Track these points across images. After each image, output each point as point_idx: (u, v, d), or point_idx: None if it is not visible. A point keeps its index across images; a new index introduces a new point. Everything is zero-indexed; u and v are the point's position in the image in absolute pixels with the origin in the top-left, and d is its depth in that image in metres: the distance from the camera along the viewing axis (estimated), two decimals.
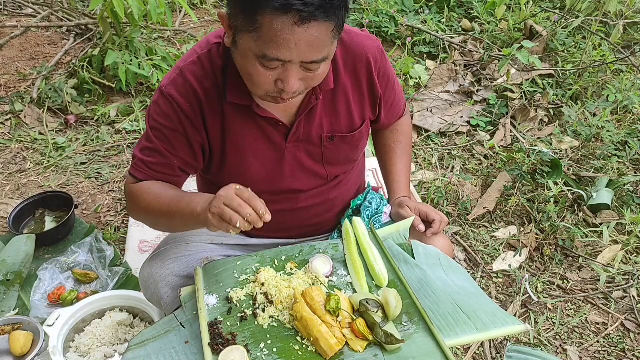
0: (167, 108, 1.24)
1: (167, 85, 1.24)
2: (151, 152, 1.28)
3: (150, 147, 1.28)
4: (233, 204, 1.06)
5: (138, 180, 1.31)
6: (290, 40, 1.01)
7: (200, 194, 1.23)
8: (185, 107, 1.23)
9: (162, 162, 1.29)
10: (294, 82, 1.09)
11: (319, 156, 1.37)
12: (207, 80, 1.23)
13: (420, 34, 3.75)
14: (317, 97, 1.27)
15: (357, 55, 1.30)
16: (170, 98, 1.23)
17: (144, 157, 1.29)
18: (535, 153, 2.56)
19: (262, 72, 1.08)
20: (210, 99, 1.24)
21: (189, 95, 1.23)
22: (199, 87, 1.23)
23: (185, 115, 1.24)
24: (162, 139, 1.27)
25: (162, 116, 1.25)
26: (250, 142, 1.30)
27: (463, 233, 2.37)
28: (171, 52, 3.30)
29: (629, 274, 2.16)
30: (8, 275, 1.96)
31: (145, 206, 1.27)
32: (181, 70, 1.24)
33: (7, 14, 3.98)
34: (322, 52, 1.06)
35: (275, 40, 1.01)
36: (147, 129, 1.29)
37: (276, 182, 1.36)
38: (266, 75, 1.08)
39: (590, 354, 1.89)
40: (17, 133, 2.92)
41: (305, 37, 1.01)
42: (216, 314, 1.19)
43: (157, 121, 1.26)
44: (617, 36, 3.05)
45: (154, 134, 1.27)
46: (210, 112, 1.25)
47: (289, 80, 1.08)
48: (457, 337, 1.15)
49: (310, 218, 1.46)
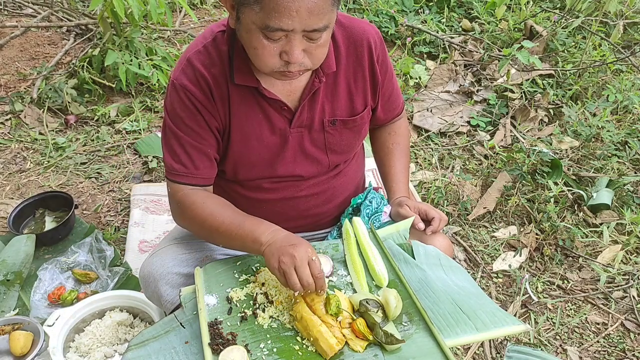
0: (183, 98, 1.25)
1: (178, 77, 1.25)
2: (184, 150, 1.28)
3: (181, 143, 1.28)
4: (303, 278, 1.13)
5: (182, 184, 1.31)
6: (291, 7, 1.03)
7: (263, 222, 1.26)
8: (199, 94, 1.25)
9: (198, 157, 1.29)
10: (298, 53, 1.11)
11: (321, 142, 1.37)
12: (214, 67, 1.25)
13: (420, 34, 3.75)
14: (320, 79, 1.28)
15: (358, 39, 1.32)
16: (183, 89, 1.25)
17: (179, 157, 1.29)
18: (535, 153, 2.56)
19: (267, 44, 1.10)
20: (218, 85, 1.26)
21: (200, 83, 1.25)
22: (208, 74, 1.25)
23: (200, 103, 1.26)
24: (188, 132, 1.28)
25: (181, 108, 1.26)
26: (255, 127, 1.31)
27: (463, 233, 2.37)
28: (171, 52, 3.31)
29: (629, 274, 2.16)
30: (8, 275, 1.96)
31: (201, 222, 1.29)
32: (188, 59, 1.26)
33: (7, 14, 3.98)
34: (323, 20, 1.08)
35: (276, 10, 1.03)
36: (171, 126, 1.29)
37: (278, 167, 1.37)
38: (270, 47, 1.11)
39: (590, 354, 1.89)
40: (17, 133, 2.92)
41: (305, 4, 1.03)
42: (216, 314, 1.19)
43: (179, 115, 1.27)
44: (617, 36, 3.05)
45: (181, 129, 1.28)
46: (218, 97, 1.27)
47: (293, 51, 1.10)
48: (457, 337, 1.15)
49: (309, 208, 1.47)
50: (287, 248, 1.15)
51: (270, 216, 1.46)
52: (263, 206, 1.44)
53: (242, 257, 1.34)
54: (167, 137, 1.31)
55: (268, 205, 1.44)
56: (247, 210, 1.46)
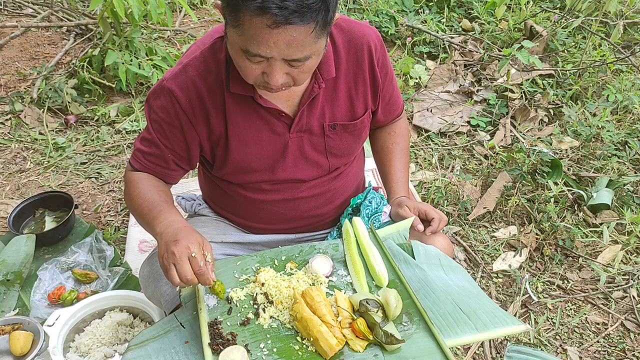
0: (166, 101, 1.26)
1: (169, 79, 1.26)
2: (148, 143, 1.33)
3: (147, 137, 1.33)
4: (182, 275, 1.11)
5: (134, 169, 1.37)
6: (268, 40, 1.02)
7: (169, 211, 1.25)
8: (185, 102, 1.25)
9: (156, 154, 1.33)
10: (278, 77, 1.11)
11: (322, 146, 1.37)
12: (210, 75, 1.25)
13: (420, 34, 3.75)
14: (320, 85, 1.28)
15: (359, 43, 1.31)
16: (170, 92, 1.25)
17: (142, 147, 1.35)
18: (535, 153, 2.56)
19: (248, 64, 1.10)
20: (213, 93, 1.26)
21: (190, 92, 1.25)
22: (202, 83, 1.25)
23: (183, 111, 1.26)
24: (159, 131, 1.31)
25: (161, 109, 1.28)
26: (253, 134, 1.31)
27: (463, 233, 2.37)
28: (171, 52, 3.31)
29: (629, 274, 2.16)
30: (8, 275, 1.96)
31: (130, 198, 1.34)
32: (184, 66, 1.26)
33: (7, 14, 3.98)
34: (304, 51, 1.06)
35: (255, 38, 1.03)
36: (147, 118, 1.33)
37: (278, 172, 1.37)
38: (252, 67, 1.11)
39: (590, 354, 1.89)
40: (17, 133, 2.92)
41: (282, 38, 1.02)
42: (216, 314, 1.19)
43: (156, 113, 1.29)
44: (617, 36, 3.05)
45: (152, 126, 1.31)
46: (212, 106, 1.27)
47: (273, 75, 1.10)
48: (457, 337, 1.15)
49: (310, 209, 1.47)
50: (169, 244, 1.14)
51: (270, 217, 1.46)
52: (263, 207, 1.44)
53: (242, 257, 1.34)
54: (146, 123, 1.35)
55: (268, 206, 1.44)
56: (247, 211, 1.46)
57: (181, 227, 1.18)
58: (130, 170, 1.38)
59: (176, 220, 1.21)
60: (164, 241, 1.16)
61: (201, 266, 1.12)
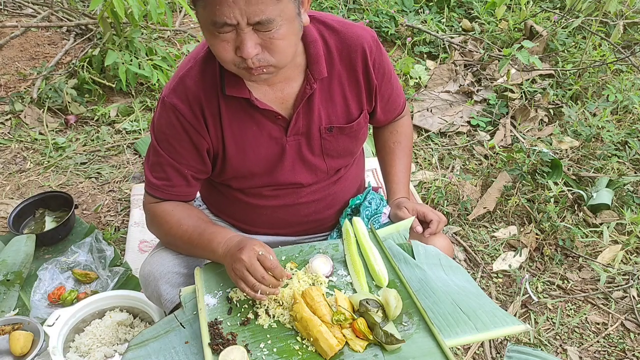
0: (171, 117, 1.26)
1: (169, 94, 1.26)
2: (162, 167, 1.32)
3: (159, 161, 1.32)
4: (257, 275, 1.14)
5: (158, 199, 1.36)
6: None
7: (221, 231, 1.28)
8: (188, 114, 1.25)
9: (172, 176, 1.32)
10: (250, 46, 1.07)
11: (319, 149, 1.37)
12: (205, 81, 1.25)
13: (420, 34, 3.75)
14: (312, 86, 1.27)
15: (352, 45, 1.30)
16: (172, 107, 1.25)
17: (158, 173, 1.33)
18: (535, 153, 2.56)
19: (220, 42, 1.09)
20: (210, 99, 1.26)
21: (190, 101, 1.25)
22: (200, 90, 1.25)
23: (188, 122, 1.26)
24: (170, 150, 1.30)
25: (167, 126, 1.28)
26: (250, 139, 1.31)
27: (463, 233, 2.37)
28: (171, 52, 3.31)
29: (629, 274, 2.16)
30: (8, 275, 1.96)
31: (168, 230, 1.33)
32: (181, 78, 1.26)
33: (7, 14, 3.98)
34: (266, 12, 1.04)
35: (214, 2, 1.02)
36: (153, 142, 1.32)
37: (277, 176, 1.36)
38: (225, 44, 1.09)
39: (590, 354, 1.89)
40: (17, 133, 2.92)
41: None
42: (216, 314, 1.19)
43: (163, 132, 1.29)
44: (617, 36, 3.05)
45: (161, 147, 1.30)
46: (210, 113, 1.27)
47: (244, 45, 1.07)
48: (457, 337, 1.15)
49: (310, 214, 1.47)
50: (235, 255, 1.17)
51: (271, 222, 1.46)
52: (264, 212, 1.44)
53: None
54: (149, 151, 1.35)
55: (269, 212, 1.44)
56: (247, 215, 1.47)
57: (241, 238, 1.22)
58: (153, 202, 1.36)
59: (233, 236, 1.26)
60: (229, 256, 1.19)
61: (272, 260, 1.15)
